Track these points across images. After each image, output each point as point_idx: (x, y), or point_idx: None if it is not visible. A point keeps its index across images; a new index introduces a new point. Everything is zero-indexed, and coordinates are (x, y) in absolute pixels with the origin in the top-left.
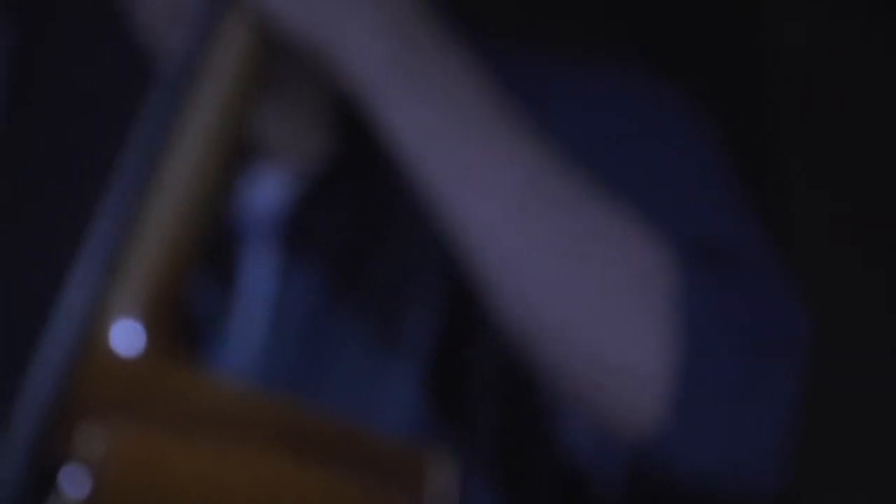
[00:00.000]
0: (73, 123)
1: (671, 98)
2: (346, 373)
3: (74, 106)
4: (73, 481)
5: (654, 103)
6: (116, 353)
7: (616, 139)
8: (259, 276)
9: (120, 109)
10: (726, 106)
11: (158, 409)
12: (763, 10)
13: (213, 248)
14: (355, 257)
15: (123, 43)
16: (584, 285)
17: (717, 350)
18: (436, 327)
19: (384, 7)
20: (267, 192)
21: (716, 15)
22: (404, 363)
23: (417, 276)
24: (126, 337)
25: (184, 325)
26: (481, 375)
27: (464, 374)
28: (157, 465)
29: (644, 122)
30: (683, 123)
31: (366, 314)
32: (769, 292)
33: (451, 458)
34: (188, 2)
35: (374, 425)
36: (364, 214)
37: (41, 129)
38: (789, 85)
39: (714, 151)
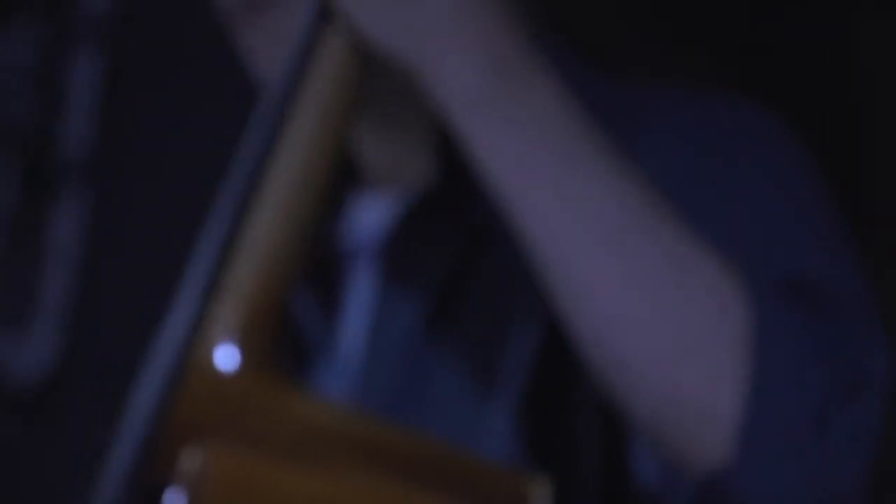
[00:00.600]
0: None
1: (769, 126)
2: (443, 399)
3: (172, 130)
4: (176, 503)
5: (750, 132)
6: (216, 374)
7: (711, 169)
8: (360, 299)
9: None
10: (821, 134)
11: (257, 430)
12: (852, 34)
13: (315, 270)
14: (456, 282)
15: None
16: (663, 320)
17: (792, 387)
18: (533, 356)
19: (479, 31)
20: (369, 215)
21: (805, 39)
22: (501, 390)
23: (517, 303)
24: (225, 357)
25: (284, 346)
26: (576, 405)
27: (559, 403)
28: (256, 486)
29: (741, 151)
30: (783, 154)
31: (464, 341)
32: (855, 332)
33: (548, 483)
34: (289, 26)
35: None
36: (466, 239)
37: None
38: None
39: (814, 184)
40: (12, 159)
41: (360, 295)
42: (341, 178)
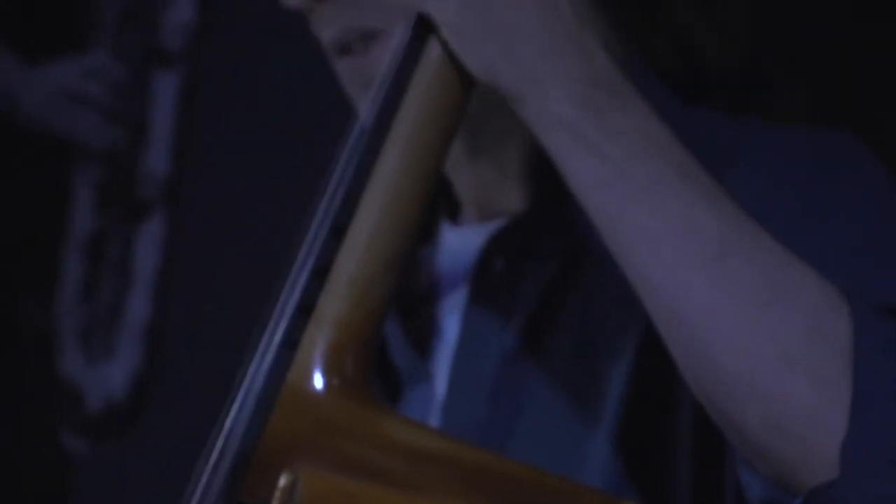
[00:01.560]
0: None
1: (851, 150)
2: (535, 433)
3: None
4: None
5: (834, 157)
6: (310, 397)
7: (802, 196)
8: (449, 328)
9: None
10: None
11: (351, 453)
12: None
13: (406, 298)
14: (545, 310)
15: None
16: (765, 335)
17: (894, 401)
18: (627, 383)
19: (578, 56)
20: (460, 243)
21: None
22: (596, 422)
23: (608, 330)
24: (318, 381)
25: (376, 374)
26: (671, 428)
27: (655, 428)
28: None
29: (830, 177)
30: (871, 178)
31: (555, 371)
32: None
33: None
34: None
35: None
36: (555, 266)
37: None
38: None
39: None
40: (94, 182)
41: (450, 324)
42: (433, 205)
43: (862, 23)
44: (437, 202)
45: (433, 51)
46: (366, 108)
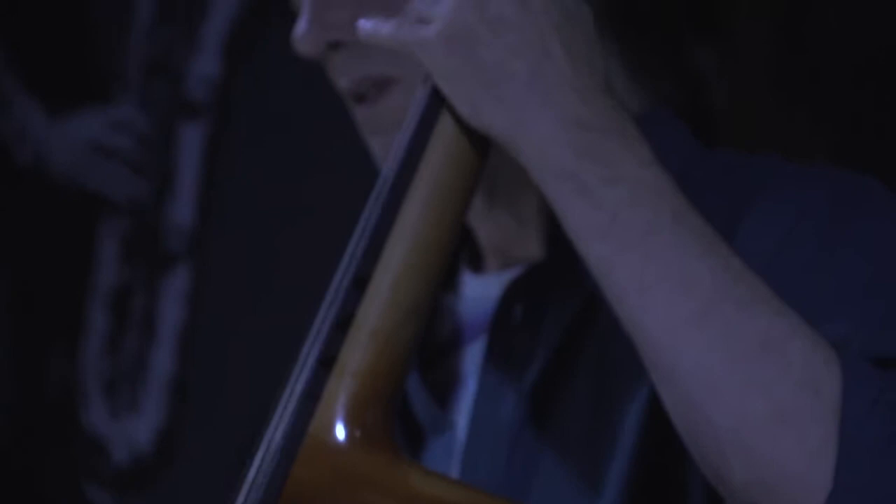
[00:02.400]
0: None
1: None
2: (555, 477)
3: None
4: None
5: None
6: (332, 448)
7: (824, 236)
8: (468, 378)
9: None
10: None
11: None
12: None
13: (426, 348)
14: (567, 354)
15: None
16: (755, 392)
17: (881, 460)
18: (646, 428)
19: (569, 99)
20: (479, 292)
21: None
22: (612, 471)
23: (623, 383)
24: (340, 432)
25: (398, 425)
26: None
27: (669, 481)
28: None
29: (856, 219)
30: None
31: (576, 414)
32: None
33: None
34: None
35: None
36: (572, 316)
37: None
38: None
39: None
40: (119, 234)
41: (470, 374)
42: (454, 254)
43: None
44: (458, 251)
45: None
46: (388, 158)
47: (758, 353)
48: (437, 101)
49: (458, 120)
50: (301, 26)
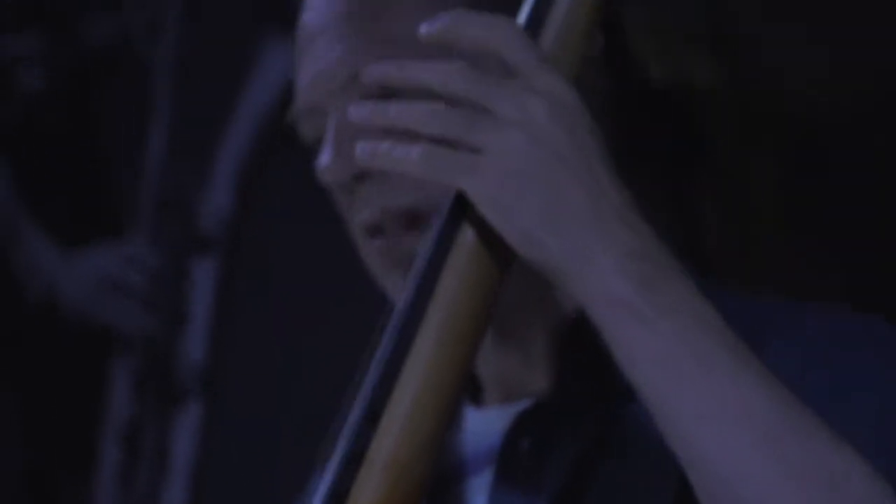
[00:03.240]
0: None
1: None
2: None
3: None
4: None
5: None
6: None
7: (834, 380)
8: None
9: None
10: None
11: None
12: None
13: (433, 483)
14: (575, 488)
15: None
16: None
17: None
18: None
19: (624, 230)
20: (485, 426)
21: None
22: None
23: None
24: None
25: None
26: None
27: None
28: None
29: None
30: None
31: None
32: None
33: None
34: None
35: None
36: (579, 449)
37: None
38: None
39: None
40: (131, 369)
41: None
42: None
43: None
44: (469, 382)
45: (468, 234)
46: (401, 292)
47: (820, 482)
48: (449, 236)
49: (470, 255)
50: (327, 155)
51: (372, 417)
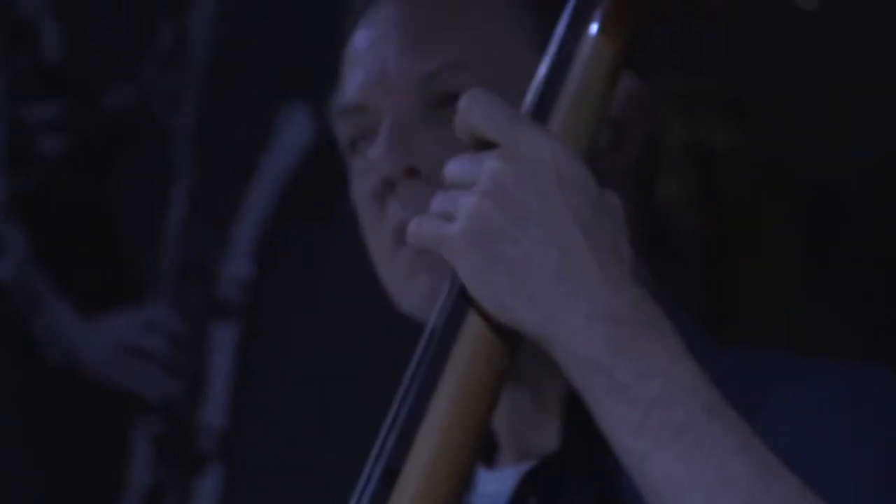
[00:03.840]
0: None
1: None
2: None
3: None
4: None
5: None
6: None
7: (838, 435)
8: None
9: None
10: None
11: None
12: None
13: None
14: None
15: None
16: None
17: None
18: None
19: (599, 291)
20: (494, 483)
21: None
22: None
23: None
24: None
25: None
26: None
27: None
28: None
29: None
30: None
31: None
32: None
33: None
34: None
35: None
36: (592, 502)
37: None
38: None
39: None
40: (152, 434)
41: None
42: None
43: None
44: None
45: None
46: (415, 354)
47: None
48: (464, 297)
49: (487, 317)
50: (383, 146)
51: (390, 474)
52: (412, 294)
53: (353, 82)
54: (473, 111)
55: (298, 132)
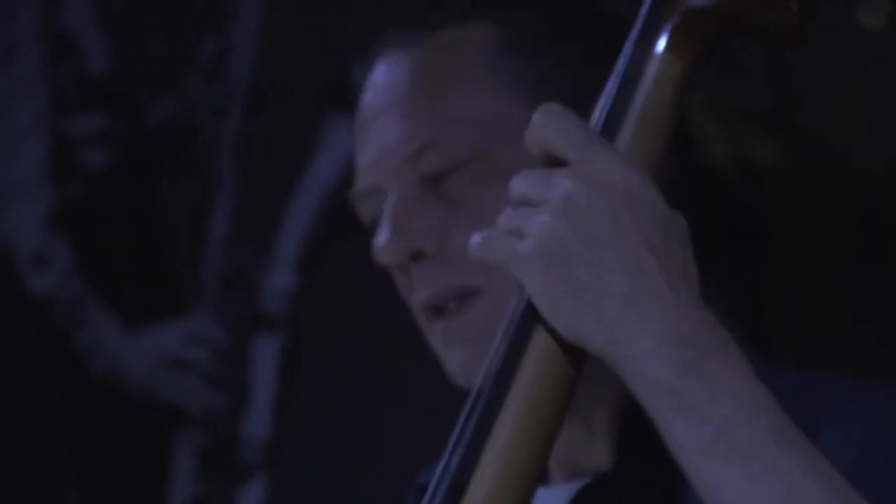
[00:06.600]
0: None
1: None
2: None
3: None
4: None
5: None
6: None
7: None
8: None
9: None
10: None
11: None
12: None
13: None
14: None
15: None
16: None
17: None
18: None
19: (668, 313)
20: (548, 501)
21: None
22: None
23: None
24: None
25: None
26: None
27: None
28: None
29: None
30: None
31: None
32: None
33: None
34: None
35: None
36: None
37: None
38: None
39: None
40: (195, 447)
41: None
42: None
43: None
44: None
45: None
46: (483, 370)
47: None
48: (532, 314)
49: (555, 335)
50: (384, 235)
51: (457, 490)
52: (449, 365)
53: (360, 165)
54: (548, 126)
55: (341, 145)
